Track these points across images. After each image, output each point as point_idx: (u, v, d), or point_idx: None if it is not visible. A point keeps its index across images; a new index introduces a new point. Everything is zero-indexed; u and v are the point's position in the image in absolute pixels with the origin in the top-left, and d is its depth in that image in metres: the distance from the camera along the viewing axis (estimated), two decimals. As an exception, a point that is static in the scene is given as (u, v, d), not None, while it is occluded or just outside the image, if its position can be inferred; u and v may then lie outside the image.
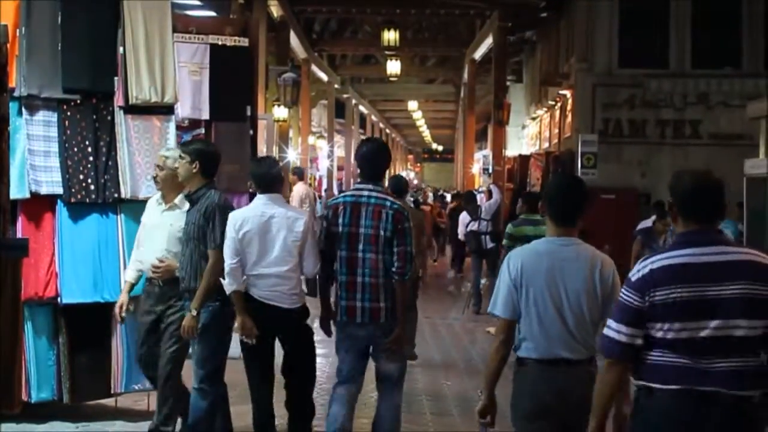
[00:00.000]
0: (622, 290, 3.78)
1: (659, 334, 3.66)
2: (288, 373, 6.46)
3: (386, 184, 10.48)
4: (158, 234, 6.64)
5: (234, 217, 6.27)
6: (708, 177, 3.83)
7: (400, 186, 10.14)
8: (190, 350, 6.46)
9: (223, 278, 6.17)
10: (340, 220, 6.04)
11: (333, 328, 6.30)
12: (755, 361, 3.62)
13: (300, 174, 18.10)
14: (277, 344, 6.48)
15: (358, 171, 6.36)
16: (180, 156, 6.44)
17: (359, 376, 6.18)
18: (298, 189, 17.13)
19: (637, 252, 11.88)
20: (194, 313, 6.17)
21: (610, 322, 3.80)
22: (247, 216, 6.25)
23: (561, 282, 4.45)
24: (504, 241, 10.82)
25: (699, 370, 3.60)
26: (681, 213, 3.78)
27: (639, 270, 3.73)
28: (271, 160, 6.98)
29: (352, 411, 6.16)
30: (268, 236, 6.19)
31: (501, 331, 4.52)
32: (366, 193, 6.08)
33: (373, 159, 6.20)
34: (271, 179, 6.39)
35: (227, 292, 6.23)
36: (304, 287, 6.70)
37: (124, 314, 6.74)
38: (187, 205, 6.54)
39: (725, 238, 3.80)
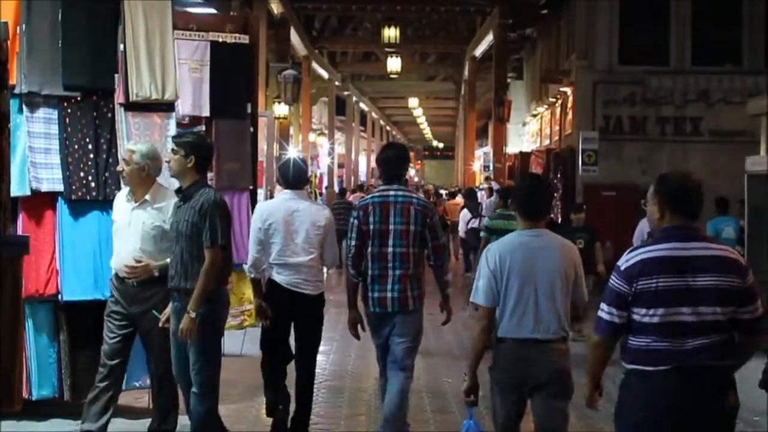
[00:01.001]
0: (612, 276, 4.26)
1: (646, 319, 4.17)
2: (297, 359, 6.94)
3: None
4: (130, 232, 6.46)
5: (260, 210, 6.97)
6: (692, 178, 4.36)
7: None
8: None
9: (221, 277, 6.20)
10: (371, 219, 6.51)
11: (360, 332, 6.82)
12: (729, 337, 4.19)
13: None
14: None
15: (380, 173, 6.95)
16: (173, 150, 6.25)
17: None
18: None
19: None
20: (192, 315, 5.98)
21: (602, 304, 4.29)
22: (273, 209, 6.89)
23: (535, 269, 5.05)
24: (482, 233, 11.45)
25: (686, 349, 4.12)
26: (669, 209, 4.26)
27: (628, 260, 4.23)
28: (300, 160, 7.35)
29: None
30: (291, 228, 6.77)
31: (482, 317, 5.13)
32: (392, 192, 6.57)
33: (394, 163, 6.72)
34: (297, 177, 6.99)
35: (248, 277, 7.02)
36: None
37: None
38: (162, 202, 6.43)
39: (703, 234, 4.35)
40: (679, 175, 4.40)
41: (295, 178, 6.98)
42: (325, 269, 7.18)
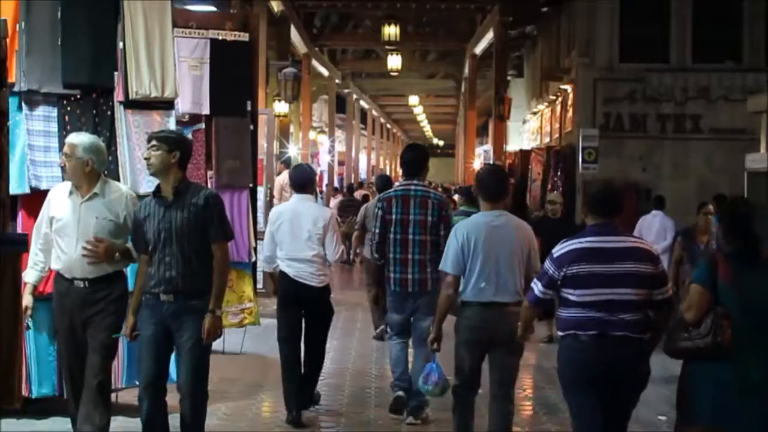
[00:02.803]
0: (547, 261, 5.25)
1: (576, 298, 5.12)
2: (307, 338, 7.82)
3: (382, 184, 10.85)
4: (82, 228, 6.07)
5: (274, 212, 8.01)
6: (610, 185, 5.41)
7: (384, 183, 11.22)
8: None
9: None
10: (394, 209, 7.58)
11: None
12: (646, 315, 5.15)
13: (288, 163, 17.70)
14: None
15: (402, 170, 8.07)
16: (153, 146, 5.92)
17: (408, 330, 7.75)
18: (281, 177, 16.36)
19: (678, 256, 9.84)
20: (218, 313, 5.84)
21: (535, 280, 5.35)
22: (283, 210, 7.88)
23: (495, 244, 6.03)
24: None
25: (610, 321, 5.06)
26: (589, 211, 5.29)
27: (560, 249, 5.20)
28: (306, 166, 8.23)
29: (407, 355, 7.86)
30: (296, 228, 7.63)
31: (450, 283, 6.11)
32: (413, 187, 7.66)
33: (414, 163, 7.79)
34: (305, 182, 7.84)
35: (263, 271, 8.24)
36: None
37: (29, 321, 6.45)
38: (113, 195, 6.18)
39: (621, 230, 5.32)
40: (598, 184, 5.46)
41: (301, 183, 7.82)
42: (329, 264, 7.98)
